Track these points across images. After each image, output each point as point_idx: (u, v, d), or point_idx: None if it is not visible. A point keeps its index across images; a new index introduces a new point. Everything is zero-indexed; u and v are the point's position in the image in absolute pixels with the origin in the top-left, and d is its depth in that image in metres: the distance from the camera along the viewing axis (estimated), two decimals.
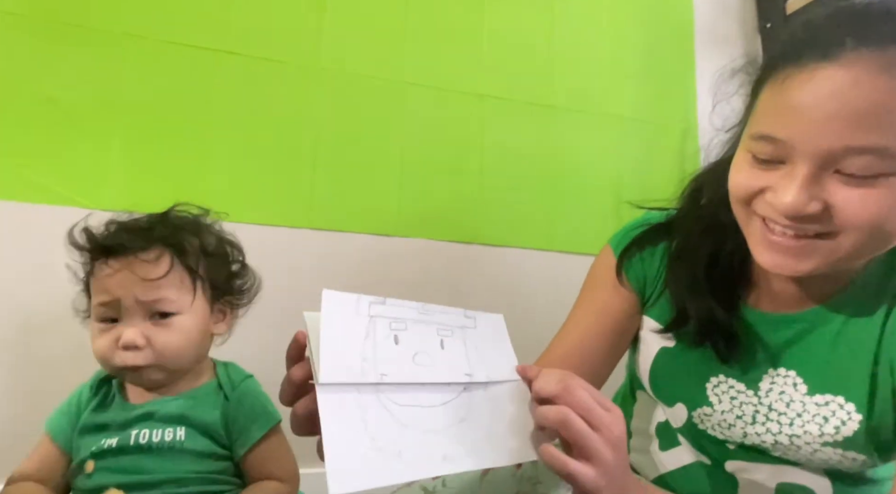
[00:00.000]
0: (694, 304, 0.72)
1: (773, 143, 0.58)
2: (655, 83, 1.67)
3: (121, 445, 0.73)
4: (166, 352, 0.74)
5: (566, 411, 0.52)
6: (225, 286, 0.83)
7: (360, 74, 1.40)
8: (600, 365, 0.80)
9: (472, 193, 1.47)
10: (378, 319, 0.56)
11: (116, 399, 0.79)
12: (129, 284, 0.73)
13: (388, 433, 0.51)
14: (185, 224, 0.81)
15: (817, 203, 0.57)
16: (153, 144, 1.24)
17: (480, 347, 0.61)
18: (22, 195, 1.16)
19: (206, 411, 0.76)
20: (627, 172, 1.60)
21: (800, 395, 0.67)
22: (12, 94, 1.16)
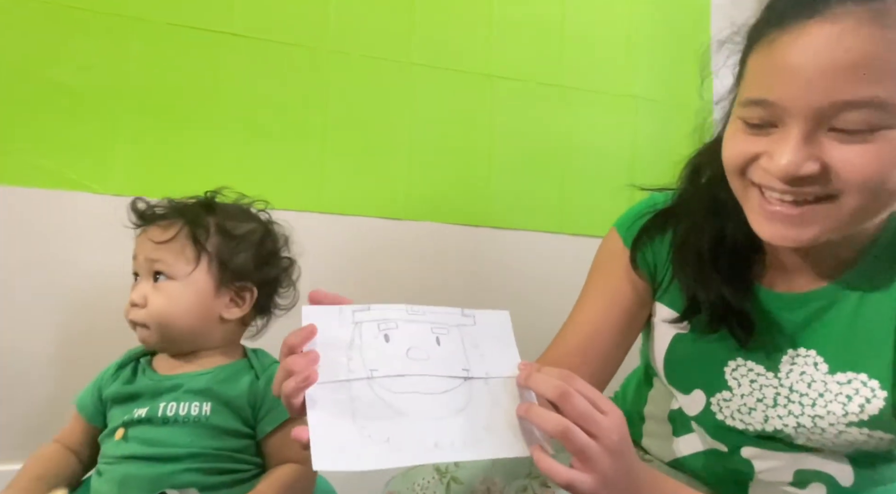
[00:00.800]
0: (704, 291, 0.70)
1: (763, 106, 0.58)
2: (669, 62, 1.63)
3: (149, 415, 0.76)
4: (153, 313, 0.78)
5: (565, 423, 0.52)
6: (240, 271, 0.82)
7: (367, 55, 1.38)
8: (612, 353, 0.79)
9: (481, 175, 1.46)
10: (364, 324, 0.57)
11: (147, 372, 0.82)
12: (144, 245, 0.81)
13: (378, 419, 0.52)
14: (209, 204, 0.85)
15: (814, 164, 0.55)
16: (161, 127, 1.24)
17: (480, 344, 0.60)
18: (31, 181, 1.17)
19: (233, 386, 0.78)
20: (641, 154, 1.58)
21: (821, 375, 0.66)
22: (21, 79, 1.16)
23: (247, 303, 0.84)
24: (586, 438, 0.52)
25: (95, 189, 1.20)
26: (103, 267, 1.19)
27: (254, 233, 0.85)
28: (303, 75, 1.34)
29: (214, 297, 0.81)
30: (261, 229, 0.86)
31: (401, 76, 1.41)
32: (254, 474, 0.79)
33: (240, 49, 1.29)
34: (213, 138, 1.27)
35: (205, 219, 0.82)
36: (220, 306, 0.82)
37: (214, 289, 0.81)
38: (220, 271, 0.81)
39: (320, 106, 1.35)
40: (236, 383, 0.79)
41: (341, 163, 1.35)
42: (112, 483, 0.74)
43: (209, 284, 0.81)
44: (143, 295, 0.79)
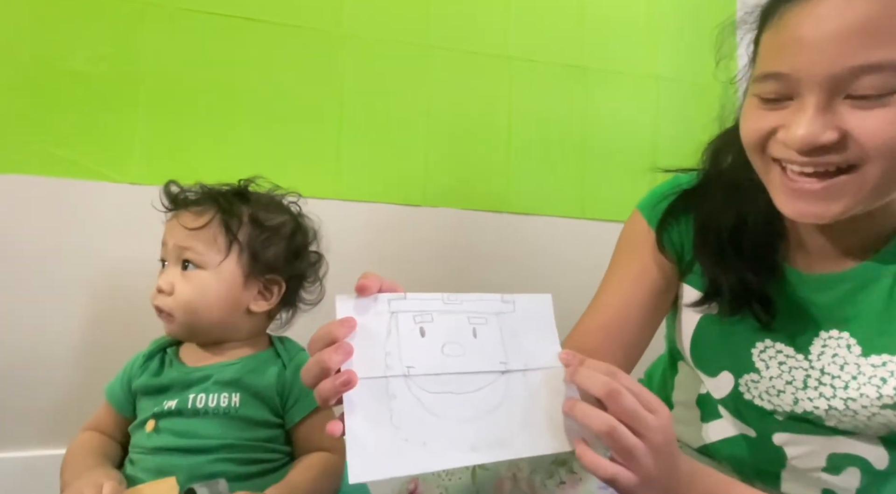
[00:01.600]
0: (724, 274, 0.70)
1: (777, 79, 0.58)
2: (693, 40, 1.58)
3: (179, 407, 0.76)
4: (180, 302, 0.77)
5: (612, 422, 0.51)
6: (272, 263, 0.81)
7: (383, 38, 1.36)
8: (639, 334, 0.77)
9: (500, 159, 1.44)
10: (400, 314, 0.55)
11: (174, 364, 0.82)
12: (175, 230, 0.80)
13: (415, 422, 0.51)
14: (243, 193, 0.84)
15: (832, 132, 0.55)
16: (177, 114, 1.24)
17: (519, 332, 0.58)
18: (49, 170, 1.17)
19: (262, 376, 0.78)
20: (664, 136, 1.55)
21: (854, 357, 0.65)
22: (36, 68, 1.16)
23: (274, 296, 0.83)
24: (633, 438, 0.51)
25: (113, 178, 1.20)
26: (123, 256, 1.20)
27: (285, 226, 0.84)
28: (318, 59, 1.32)
29: (243, 289, 0.80)
30: (292, 222, 0.85)
31: (417, 59, 1.38)
32: (284, 463, 0.79)
33: (254, 33, 1.28)
34: (229, 125, 1.26)
35: (238, 208, 0.81)
36: (248, 299, 0.81)
37: (243, 281, 0.80)
38: (250, 263, 0.80)
39: (336, 90, 1.33)
40: (264, 373, 0.79)
41: (358, 149, 1.34)
42: (148, 473, 0.74)
43: (239, 275, 0.80)
44: (171, 282, 0.78)
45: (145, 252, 1.18)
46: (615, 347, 0.75)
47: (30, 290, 1.16)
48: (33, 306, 1.16)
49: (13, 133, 1.15)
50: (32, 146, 1.16)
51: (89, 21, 1.19)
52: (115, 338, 1.18)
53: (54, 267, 1.17)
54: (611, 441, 0.51)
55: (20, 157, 1.15)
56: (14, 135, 1.15)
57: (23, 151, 1.15)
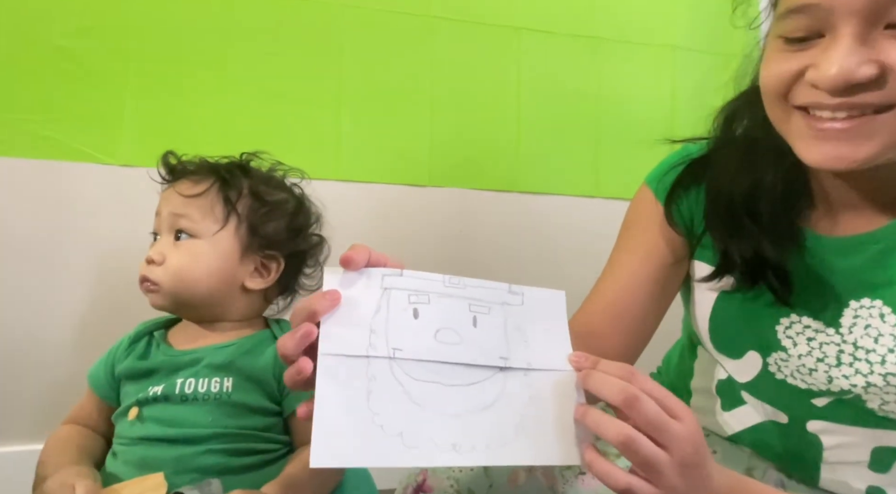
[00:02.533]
0: (737, 244, 0.65)
1: (806, 13, 0.52)
2: (711, 7, 1.53)
3: (165, 393, 0.72)
4: (170, 270, 0.75)
5: (630, 431, 0.46)
6: (270, 238, 0.79)
7: (384, 9, 1.32)
8: (647, 314, 0.73)
9: (509, 137, 1.40)
10: (393, 291, 0.51)
11: (161, 347, 0.79)
12: (171, 198, 0.77)
13: (394, 409, 0.47)
14: (244, 166, 0.82)
15: (871, 66, 0.49)
16: (169, 93, 1.21)
17: (526, 328, 0.54)
18: (38, 152, 1.14)
19: (257, 358, 0.75)
20: (681, 109, 1.50)
21: (889, 327, 0.59)
22: (21, 43, 1.13)
23: (272, 274, 0.80)
24: (655, 448, 0.46)
25: (103, 160, 1.18)
26: (113, 239, 1.17)
27: (287, 202, 0.82)
28: (315, 32, 1.28)
29: (239, 262, 0.78)
30: (294, 200, 0.84)
31: (420, 31, 1.35)
32: (282, 453, 0.75)
33: (247, 7, 1.25)
34: (223, 103, 1.23)
35: (239, 180, 0.79)
36: (244, 274, 0.78)
37: (240, 254, 0.77)
38: (248, 236, 0.78)
39: (335, 65, 1.30)
40: (260, 355, 0.75)
41: (359, 126, 1.31)
42: (129, 466, 0.70)
43: (235, 247, 0.77)
44: (162, 253, 0.75)
45: (136, 235, 1.16)
46: (621, 329, 0.72)
47: (18, 275, 1.13)
48: (21, 291, 1.14)
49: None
50: (17, 127, 1.13)
51: None
52: (107, 323, 1.14)
53: (44, 252, 1.15)
54: (629, 453, 0.46)
55: (5, 138, 1.13)
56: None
57: (7, 132, 1.13)
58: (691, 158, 0.73)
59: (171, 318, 0.83)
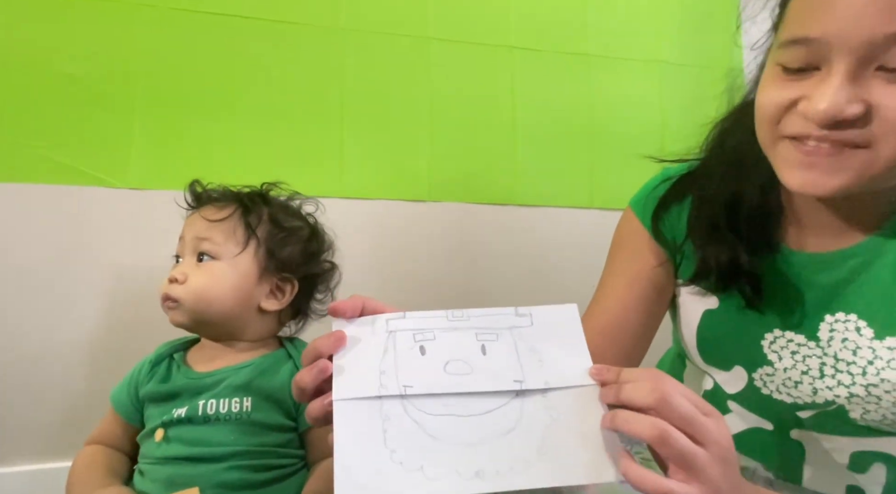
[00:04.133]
0: (714, 249, 0.67)
1: (805, 45, 0.54)
2: (697, 24, 1.57)
3: (189, 415, 0.75)
4: (192, 289, 0.77)
5: (664, 425, 0.45)
6: (286, 262, 0.83)
7: (381, 31, 1.35)
8: (640, 333, 0.76)
9: (506, 151, 1.42)
10: (398, 333, 0.52)
11: (182, 370, 0.81)
12: (195, 223, 0.81)
13: (412, 444, 0.47)
14: (264, 195, 0.87)
15: (858, 105, 0.52)
16: (175, 116, 1.22)
17: (539, 347, 0.53)
18: (47, 177, 1.16)
19: (274, 377, 0.78)
20: (671, 121, 1.53)
21: (866, 341, 0.61)
22: (30, 72, 1.15)
23: (286, 296, 0.83)
24: (689, 442, 0.45)
25: (113, 183, 1.19)
26: (124, 261, 1.19)
27: (303, 229, 0.86)
28: (317, 55, 1.31)
29: (256, 284, 0.81)
30: (309, 228, 0.88)
31: (418, 52, 1.37)
32: (298, 468, 0.77)
33: (251, 32, 1.27)
34: (228, 125, 1.25)
35: (259, 207, 0.83)
36: (261, 295, 0.81)
37: (258, 276, 0.81)
38: (266, 259, 0.81)
39: (336, 86, 1.32)
40: (276, 374, 0.78)
41: (361, 145, 1.32)
42: (157, 484, 0.73)
43: (254, 269, 0.80)
44: (185, 273, 0.78)
45: (146, 256, 1.18)
46: (615, 351, 0.74)
47: (31, 298, 1.14)
48: (35, 313, 1.15)
49: (8, 139, 1.13)
50: (29, 153, 1.15)
51: (81, 23, 1.17)
52: (120, 344, 1.17)
53: (56, 273, 1.16)
54: (665, 448, 0.45)
55: (17, 164, 1.14)
56: (9, 141, 1.13)
57: (20, 159, 1.14)
58: (679, 175, 0.75)
59: (188, 339, 0.85)
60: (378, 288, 1.31)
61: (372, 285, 1.29)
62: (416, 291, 1.34)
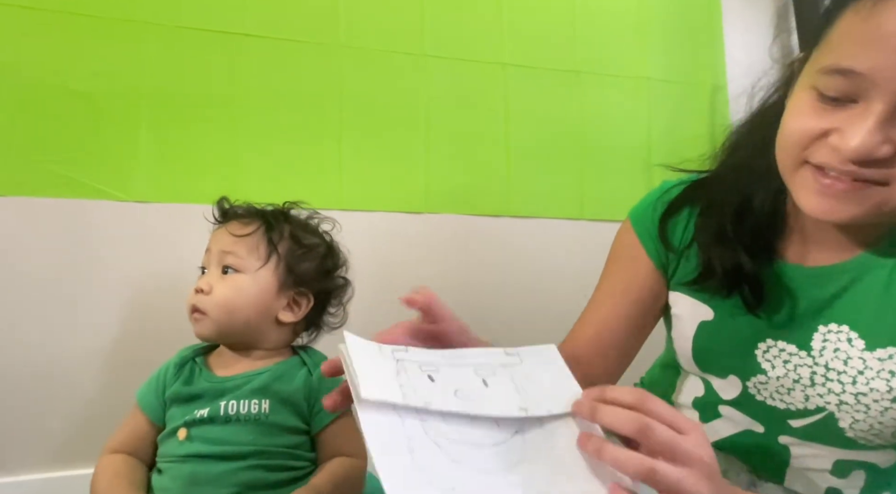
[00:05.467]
0: (719, 254, 0.68)
1: (849, 77, 0.52)
2: (682, 41, 1.62)
3: (211, 415, 0.78)
4: (217, 300, 0.81)
5: (649, 463, 0.46)
6: (303, 277, 0.87)
7: (379, 49, 1.38)
8: (628, 344, 0.79)
9: (499, 165, 1.46)
10: (406, 362, 0.53)
11: (203, 373, 0.84)
12: (221, 237, 0.86)
13: (438, 466, 0.48)
14: (285, 213, 0.91)
15: (889, 147, 0.52)
16: (179, 131, 1.24)
17: (534, 379, 0.55)
18: (55, 191, 1.17)
19: (290, 382, 0.82)
20: (657, 136, 1.57)
21: (857, 351, 0.63)
22: (38, 88, 1.17)
23: (302, 309, 0.87)
24: (676, 471, 0.46)
25: (119, 197, 1.20)
26: (130, 270, 1.20)
27: (320, 246, 0.90)
28: (317, 72, 1.33)
29: (275, 297, 0.85)
30: (326, 246, 0.92)
31: (415, 68, 1.40)
32: (309, 471, 0.81)
33: (253, 49, 1.29)
34: (232, 140, 1.27)
35: (281, 224, 0.87)
36: (279, 307, 0.85)
37: (277, 289, 0.85)
38: (285, 274, 0.85)
39: (335, 102, 1.34)
40: (292, 380, 0.82)
41: (358, 158, 1.35)
42: (178, 481, 0.75)
43: (273, 283, 0.84)
44: (210, 284, 0.82)
45: (151, 267, 1.20)
46: (603, 358, 0.77)
47: (39, 309, 1.16)
48: (42, 324, 1.16)
49: (17, 154, 1.15)
50: (37, 168, 1.16)
51: (89, 41, 1.19)
52: (127, 355, 1.19)
53: (64, 285, 1.17)
54: (654, 483, 0.46)
55: (25, 178, 1.15)
56: (17, 156, 1.15)
57: (27, 173, 1.16)
58: (671, 194, 0.76)
59: (208, 345, 0.89)
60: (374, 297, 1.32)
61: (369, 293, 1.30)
62: None
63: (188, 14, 1.26)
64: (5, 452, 1.13)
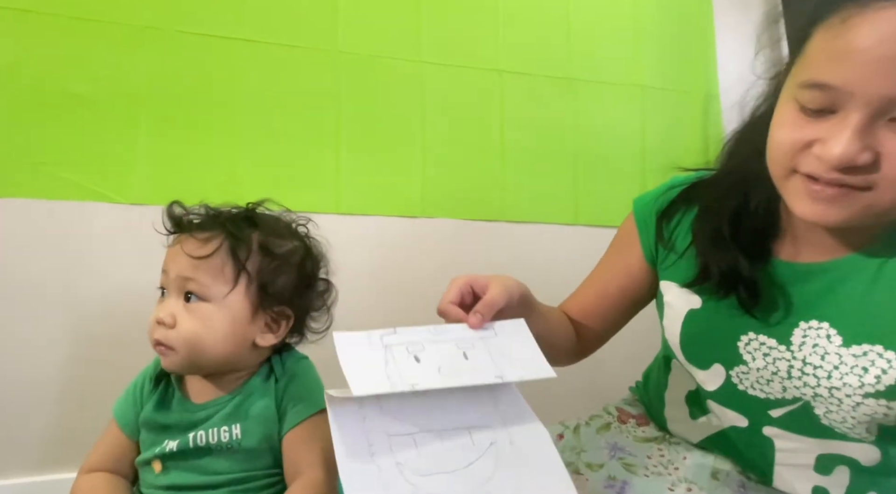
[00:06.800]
0: (717, 257, 0.71)
1: (825, 90, 0.55)
2: (675, 50, 1.65)
3: (181, 447, 0.72)
4: (183, 336, 0.72)
5: None
6: (280, 295, 0.76)
7: (377, 55, 1.39)
8: (611, 317, 0.86)
9: (494, 170, 1.47)
10: (394, 347, 0.60)
11: (177, 397, 0.77)
12: (177, 258, 0.74)
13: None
14: (251, 217, 0.78)
15: (868, 154, 0.54)
16: (177, 135, 1.25)
17: (506, 351, 0.63)
18: (53, 193, 1.18)
19: (259, 398, 0.75)
20: (651, 142, 1.59)
21: (834, 347, 0.65)
22: (37, 91, 1.17)
23: (282, 329, 0.77)
24: None
25: (116, 199, 1.21)
26: (126, 273, 1.20)
27: (295, 253, 0.78)
28: (315, 78, 1.34)
29: (250, 322, 0.74)
30: (302, 248, 0.80)
31: (412, 75, 1.42)
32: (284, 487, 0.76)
33: (251, 54, 1.30)
34: (229, 144, 1.28)
35: (247, 234, 0.75)
36: (255, 332, 0.75)
37: (251, 314, 0.74)
38: (259, 295, 0.74)
39: (333, 107, 1.35)
40: (262, 394, 0.76)
41: (356, 163, 1.36)
42: None
43: (246, 308, 0.74)
44: (172, 314, 0.72)
45: (147, 271, 1.19)
46: (589, 323, 0.85)
47: (32, 311, 1.15)
48: (35, 328, 1.15)
49: (15, 156, 1.15)
50: (34, 169, 1.17)
51: (89, 44, 1.20)
52: (121, 358, 1.13)
53: (59, 287, 1.17)
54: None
55: (23, 180, 1.16)
56: (16, 158, 1.15)
57: (25, 174, 1.16)
58: (687, 183, 0.79)
59: None
60: (372, 300, 1.33)
61: (366, 297, 1.32)
62: (409, 302, 1.36)
63: (188, 19, 1.27)
64: None
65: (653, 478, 0.78)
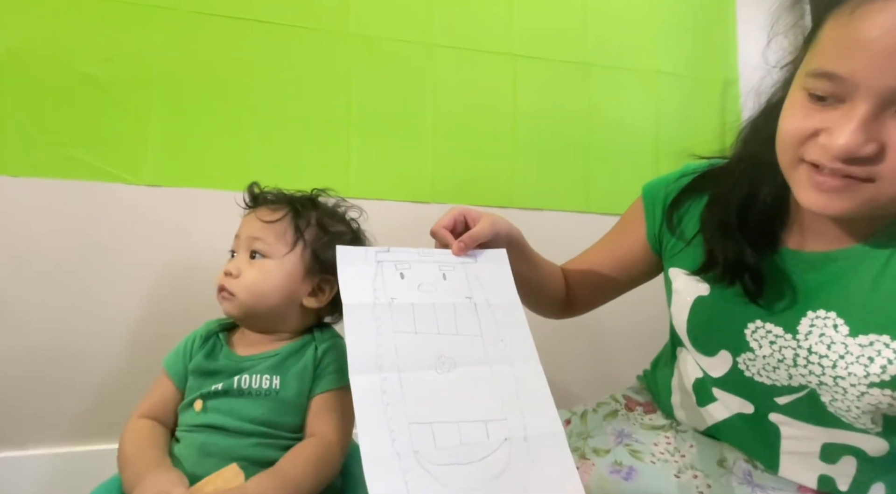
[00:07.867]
0: (723, 245, 0.72)
1: (833, 80, 0.56)
2: (694, 35, 1.62)
3: (226, 388, 0.81)
4: (245, 284, 0.84)
5: None
6: (329, 264, 0.86)
7: (388, 37, 1.39)
8: (607, 287, 0.92)
9: (505, 156, 1.46)
10: (384, 263, 0.70)
11: (224, 350, 0.87)
12: (250, 223, 0.88)
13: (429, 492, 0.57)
14: (313, 200, 0.93)
15: (873, 145, 0.55)
16: (189, 116, 1.25)
17: (482, 276, 0.72)
18: (68, 173, 1.19)
19: (299, 359, 0.85)
20: (666, 130, 1.57)
21: (841, 336, 0.65)
22: (50, 71, 1.18)
23: (326, 295, 0.88)
24: None
25: (129, 180, 1.22)
26: (138, 253, 1.22)
27: (346, 235, 0.92)
28: (326, 60, 1.34)
29: (301, 282, 0.86)
30: (351, 233, 0.94)
31: (423, 58, 1.41)
32: None
33: (263, 35, 1.30)
34: (240, 126, 1.28)
35: (308, 211, 0.89)
36: (303, 293, 0.87)
37: (302, 275, 0.86)
38: (311, 260, 0.87)
39: (344, 90, 1.35)
40: (302, 356, 0.85)
41: (367, 147, 1.36)
42: (191, 449, 0.78)
43: (299, 269, 0.86)
44: (239, 267, 0.84)
45: (159, 251, 1.21)
46: (581, 291, 0.92)
47: (48, 291, 1.17)
48: (52, 307, 1.18)
49: (30, 137, 1.17)
50: (48, 150, 1.18)
51: (100, 25, 1.21)
52: (137, 336, 1.21)
53: (73, 267, 1.19)
54: None
55: (37, 160, 1.17)
56: (30, 138, 1.17)
57: (39, 154, 1.17)
58: (700, 170, 0.80)
59: (232, 321, 0.91)
60: None
61: None
62: None
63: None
64: (22, 428, 1.17)
65: (659, 465, 0.79)
